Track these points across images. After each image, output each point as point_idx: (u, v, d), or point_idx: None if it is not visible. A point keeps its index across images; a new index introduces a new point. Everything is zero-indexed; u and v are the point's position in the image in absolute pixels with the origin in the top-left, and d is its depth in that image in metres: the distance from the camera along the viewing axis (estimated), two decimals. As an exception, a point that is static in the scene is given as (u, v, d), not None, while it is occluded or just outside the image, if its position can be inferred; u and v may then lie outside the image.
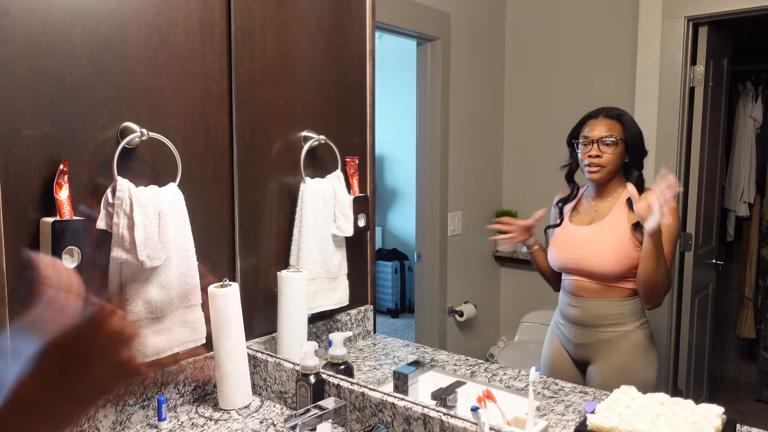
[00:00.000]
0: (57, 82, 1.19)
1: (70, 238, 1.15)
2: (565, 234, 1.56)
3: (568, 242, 1.55)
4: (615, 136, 1.46)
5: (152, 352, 1.28)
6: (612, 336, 1.49)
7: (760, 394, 1.96)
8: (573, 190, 1.58)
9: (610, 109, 1.49)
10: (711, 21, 1.60)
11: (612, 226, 1.47)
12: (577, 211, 1.56)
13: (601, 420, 0.95)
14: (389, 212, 2.33)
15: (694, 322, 1.71)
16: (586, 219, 1.53)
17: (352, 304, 1.70)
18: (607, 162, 1.46)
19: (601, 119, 1.48)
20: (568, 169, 1.57)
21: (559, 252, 1.54)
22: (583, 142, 1.49)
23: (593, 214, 1.52)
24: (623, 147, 1.46)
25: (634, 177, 1.47)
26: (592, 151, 1.47)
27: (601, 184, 1.51)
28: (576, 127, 1.53)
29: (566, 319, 1.54)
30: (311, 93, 1.66)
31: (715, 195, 1.87)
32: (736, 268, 2.10)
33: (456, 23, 2.09)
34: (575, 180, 1.57)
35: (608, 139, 1.46)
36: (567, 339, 1.54)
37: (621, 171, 1.48)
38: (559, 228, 1.58)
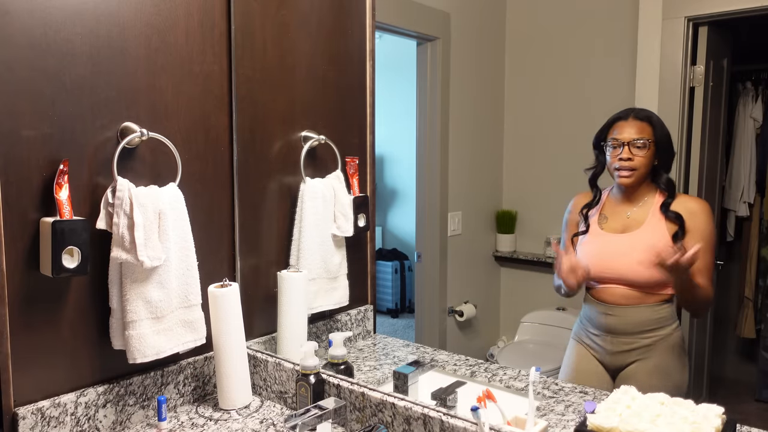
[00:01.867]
0: (57, 82, 1.19)
1: (70, 238, 1.15)
2: (599, 242, 1.49)
3: (604, 251, 1.49)
4: (646, 139, 1.41)
5: (152, 353, 1.28)
6: (651, 341, 1.44)
7: (760, 394, 1.96)
8: (596, 195, 1.53)
9: (639, 110, 1.45)
10: (711, 21, 1.60)
11: (651, 235, 1.42)
12: (605, 217, 1.51)
13: (601, 420, 0.95)
14: (389, 212, 2.33)
15: (694, 322, 1.71)
16: (618, 226, 1.48)
17: (352, 304, 1.70)
18: (639, 165, 1.42)
19: (631, 121, 1.44)
20: (592, 173, 1.52)
21: (595, 261, 1.47)
22: (612, 144, 1.44)
23: (626, 221, 1.47)
24: (653, 149, 1.42)
25: (663, 180, 1.43)
26: (623, 154, 1.42)
27: (631, 188, 1.46)
28: (603, 129, 1.48)
29: (599, 329, 1.48)
30: (311, 93, 1.66)
31: (715, 195, 1.87)
32: (736, 268, 2.10)
33: (456, 23, 2.09)
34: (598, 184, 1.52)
35: (639, 142, 1.41)
36: (600, 348, 1.48)
37: (651, 174, 1.44)
38: (588, 235, 1.51)
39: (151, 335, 1.28)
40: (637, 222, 1.46)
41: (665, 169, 1.44)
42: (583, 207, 1.54)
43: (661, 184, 1.44)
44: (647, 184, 1.45)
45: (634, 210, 1.47)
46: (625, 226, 1.47)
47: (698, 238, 1.38)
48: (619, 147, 1.43)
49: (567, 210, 1.60)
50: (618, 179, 1.45)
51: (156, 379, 1.37)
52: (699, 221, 1.41)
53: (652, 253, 1.38)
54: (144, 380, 1.35)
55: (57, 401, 1.21)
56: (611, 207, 1.51)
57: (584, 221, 1.53)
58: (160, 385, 1.38)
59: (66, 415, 1.22)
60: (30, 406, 1.17)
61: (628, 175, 1.43)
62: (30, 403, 1.18)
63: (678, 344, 1.45)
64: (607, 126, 1.48)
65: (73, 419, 1.23)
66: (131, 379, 1.33)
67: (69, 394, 1.23)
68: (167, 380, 1.40)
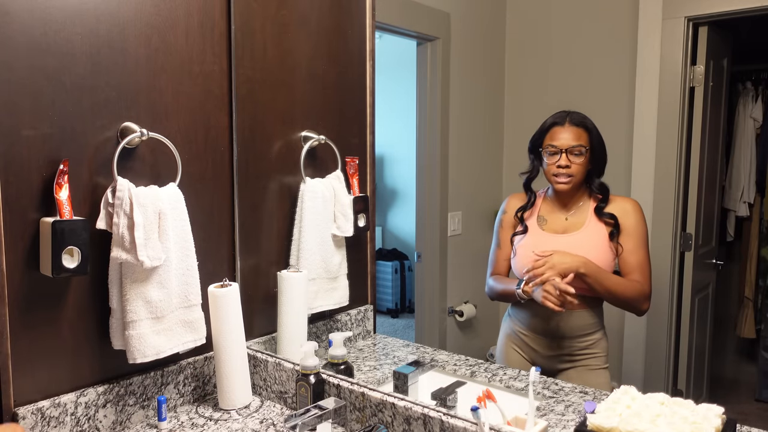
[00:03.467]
0: (57, 82, 1.19)
1: (70, 238, 1.15)
2: (541, 243, 1.50)
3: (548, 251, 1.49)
4: (583, 146, 1.43)
5: (152, 353, 1.28)
6: (586, 344, 1.48)
7: (760, 394, 1.96)
8: (530, 198, 1.55)
9: (575, 114, 1.46)
10: (711, 21, 1.60)
11: (592, 236, 1.46)
12: (543, 219, 1.53)
13: (601, 420, 0.95)
14: (389, 212, 2.33)
15: (694, 322, 1.71)
16: (557, 227, 1.51)
17: (352, 304, 1.70)
18: (576, 172, 1.45)
19: (568, 126, 1.45)
20: (527, 177, 1.54)
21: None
22: (550, 151, 1.46)
23: (565, 223, 1.50)
24: (589, 156, 1.45)
25: (596, 184, 1.47)
26: (561, 161, 1.44)
27: (567, 193, 1.49)
28: (540, 133, 1.49)
29: (535, 331, 1.51)
30: (311, 93, 1.66)
31: (715, 195, 1.86)
32: (736, 268, 2.10)
33: (456, 23, 2.09)
34: (532, 188, 1.55)
35: (576, 149, 1.43)
36: (533, 351, 1.51)
37: (585, 179, 1.47)
38: (528, 236, 1.53)
39: (151, 335, 1.28)
40: (576, 224, 1.49)
41: (598, 173, 1.47)
42: (518, 209, 1.56)
43: (594, 188, 1.47)
44: (582, 189, 1.49)
45: (572, 213, 1.50)
46: (564, 227, 1.50)
47: (631, 234, 1.44)
48: (557, 154, 1.44)
49: (501, 210, 1.62)
50: (556, 185, 1.48)
51: (156, 379, 1.37)
52: (631, 220, 1.45)
53: (598, 252, 1.44)
54: (144, 380, 1.35)
55: (57, 401, 1.21)
56: (548, 209, 1.54)
57: (521, 223, 1.55)
58: (160, 385, 1.38)
59: (66, 415, 1.22)
60: (30, 406, 1.17)
61: (567, 181, 1.45)
62: (30, 403, 1.18)
63: (605, 348, 1.51)
64: (543, 131, 1.48)
65: (73, 419, 1.23)
66: (131, 379, 1.33)
67: (69, 394, 1.23)
68: (167, 380, 1.40)
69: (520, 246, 1.54)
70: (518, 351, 1.55)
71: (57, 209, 1.15)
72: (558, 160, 1.44)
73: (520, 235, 1.54)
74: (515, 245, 1.56)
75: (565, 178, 1.45)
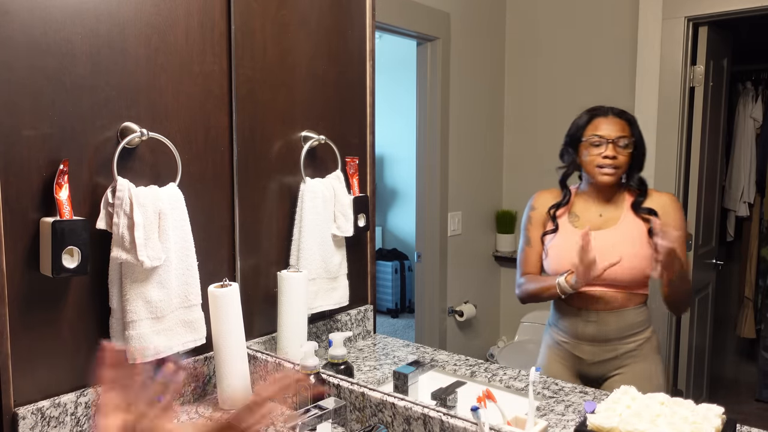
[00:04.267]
0: (57, 81, 1.19)
1: (70, 238, 1.15)
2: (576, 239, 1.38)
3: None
4: (628, 137, 1.39)
5: (152, 352, 1.27)
6: (633, 346, 1.40)
7: (760, 394, 1.96)
8: (566, 195, 1.48)
9: (615, 108, 1.41)
10: (711, 21, 1.60)
11: (630, 232, 1.39)
12: (576, 216, 1.46)
13: (601, 420, 0.95)
14: (389, 212, 2.33)
15: (694, 322, 1.71)
16: (592, 224, 1.42)
17: (352, 304, 1.70)
18: (622, 164, 1.38)
19: (612, 118, 1.40)
20: (564, 173, 1.48)
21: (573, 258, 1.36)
22: (595, 142, 1.39)
23: (599, 219, 1.43)
24: (633, 149, 1.39)
25: (636, 179, 1.41)
26: (608, 151, 1.37)
27: (607, 187, 1.42)
28: (579, 126, 1.43)
29: (576, 337, 1.43)
30: (311, 93, 1.66)
31: (715, 195, 1.86)
32: (736, 268, 2.10)
33: (456, 23, 2.09)
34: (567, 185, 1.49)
35: (623, 141, 1.38)
36: (577, 359, 1.43)
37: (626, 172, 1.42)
38: (560, 235, 1.46)
39: (151, 335, 1.28)
40: (612, 219, 1.43)
41: (639, 168, 1.42)
42: (551, 206, 1.49)
43: (632, 183, 1.42)
44: (619, 183, 1.43)
45: (606, 209, 1.44)
46: (599, 224, 1.43)
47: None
48: (603, 145, 1.39)
49: (528, 206, 1.55)
50: (600, 177, 1.41)
51: (156, 379, 1.37)
52: (672, 215, 1.40)
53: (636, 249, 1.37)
54: (144, 380, 1.35)
55: (57, 401, 1.21)
56: (582, 206, 1.47)
57: (552, 221, 1.48)
58: (160, 385, 1.38)
59: (66, 415, 1.22)
60: (30, 406, 1.17)
61: (612, 173, 1.39)
62: (30, 403, 1.18)
63: (656, 347, 1.44)
64: (584, 123, 1.43)
65: (73, 419, 1.23)
66: (131, 379, 1.33)
67: (69, 394, 1.23)
68: (167, 380, 1.39)
69: (552, 246, 1.46)
70: (562, 363, 1.47)
71: (57, 209, 1.15)
72: (604, 150, 1.38)
73: (551, 234, 1.47)
74: (546, 245, 1.48)
75: (611, 170, 1.38)
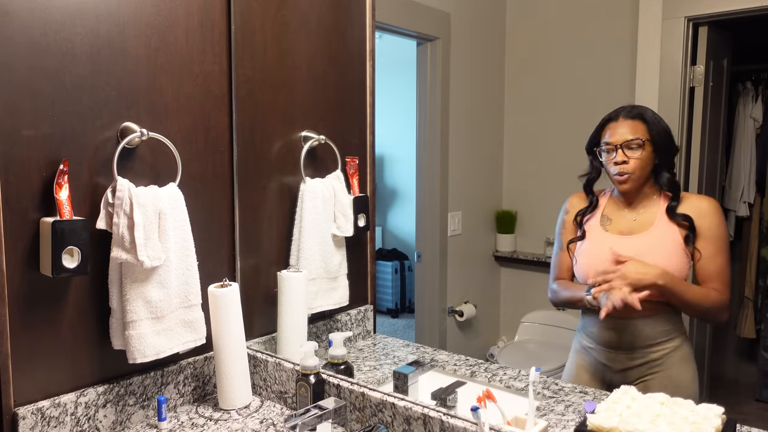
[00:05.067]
0: (57, 81, 1.19)
1: (70, 238, 1.15)
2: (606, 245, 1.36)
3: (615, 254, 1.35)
4: (640, 138, 1.32)
5: (152, 353, 1.28)
6: (661, 354, 1.35)
7: (760, 394, 1.96)
8: (592, 201, 1.44)
9: (630, 108, 1.36)
10: (711, 21, 1.60)
11: (663, 237, 1.34)
12: (608, 219, 1.41)
13: (601, 420, 0.95)
14: (389, 212, 2.33)
15: (694, 322, 1.71)
16: (624, 229, 1.39)
17: (352, 304, 1.70)
18: (635, 168, 1.33)
19: (622, 121, 1.35)
20: (587, 180, 1.44)
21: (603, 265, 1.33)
22: (606, 149, 1.36)
23: (632, 224, 1.38)
24: (651, 148, 1.33)
25: (665, 180, 1.35)
26: (617, 157, 1.33)
27: (632, 192, 1.37)
28: (596, 132, 1.40)
29: (604, 345, 1.39)
30: (311, 93, 1.66)
31: (715, 195, 1.87)
32: (736, 268, 2.10)
33: (456, 23, 2.09)
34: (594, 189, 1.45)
35: (633, 143, 1.32)
36: (604, 366, 1.39)
37: (652, 174, 1.36)
38: (590, 240, 1.42)
39: (151, 335, 1.28)
40: (645, 225, 1.37)
41: (667, 167, 1.35)
42: (578, 213, 1.45)
43: (663, 185, 1.36)
44: (650, 185, 1.37)
45: (640, 213, 1.39)
46: (631, 229, 1.38)
47: (710, 238, 1.32)
48: (613, 151, 1.35)
49: (563, 210, 1.51)
50: (617, 185, 1.38)
51: (156, 379, 1.37)
52: (709, 221, 1.33)
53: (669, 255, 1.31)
54: (144, 380, 1.35)
55: (57, 401, 1.21)
56: (613, 209, 1.43)
57: (579, 228, 1.44)
58: (160, 385, 1.38)
59: (66, 415, 1.22)
60: (30, 406, 1.17)
61: (625, 179, 1.35)
62: (30, 403, 1.18)
63: (688, 353, 1.37)
64: (599, 129, 1.40)
65: (73, 419, 1.23)
66: (131, 379, 1.33)
67: (69, 394, 1.23)
68: (167, 380, 1.40)
69: (580, 253, 1.43)
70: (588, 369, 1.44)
71: (57, 209, 1.15)
72: (614, 157, 1.34)
73: (579, 242, 1.44)
74: (575, 253, 1.44)
75: (623, 176, 1.34)
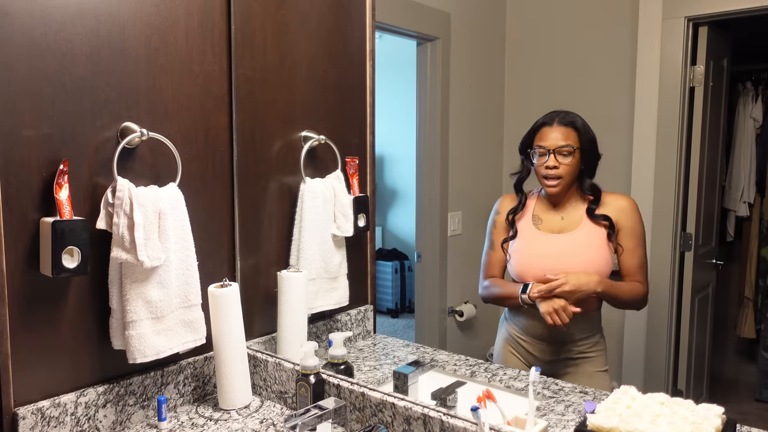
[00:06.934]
0: (57, 82, 1.19)
1: (70, 238, 1.15)
2: (540, 243, 1.48)
3: (548, 251, 1.47)
4: (571, 146, 1.41)
5: (152, 353, 1.28)
6: (585, 348, 1.46)
7: (760, 394, 1.96)
8: (521, 200, 1.52)
9: (564, 114, 1.44)
10: (711, 21, 1.60)
11: (590, 235, 1.43)
12: (539, 219, 1.50)
13: (601, 420, 0.95)
14: (389, 212, 2.33)
15: (694, 322, 1.71)
16: (554, 227, 1.48)
17: (352, 304, 1.70)
18: (565, 173, 1.42)
19: (556, 126, 1.43)
20: (518, 178, 1.52)
21: (538, 261, 1.46)
22: (539, 152, 1.43)
23: (561, 223, 1.47)
24: (579, 156, 1.42)
25: (587, 185, 1.44)
26: (549, 161, 1.41)
27: (558, 195, 1.46)
28: (529, 134, 1.47)
29: (533, 337, 1.49)
30: (311, 93, 1.66)
31: (715, 195, 1.87)
32: (736, 268, 2.10)
33: (456, 23, 2.09)
34: (524, 188, 1.53)
35: (565, 149, 1.41)
36: (532, 356, 1.49)
37: (577, 179, 1.45)
38: (522, 238, 1.50)
39: (151, 335, 1.28)
40: (573, 224, 1.46)
41: (589, 174, 1.44)
42: (509, 212, 1.53)
43: (585, 189, 1.44)
44: (574, 189, 1.46)
45: (567, 212, 1.47)
46: (560, 227, 1.47)
47: (630, 234, 1.42)
48: (546, 155, 1.42)
49: (494, 210, 1.58)
50: (546, 188, 1.45)
51: (156, 379, 1.37)
52: (629, 218, 1.43)
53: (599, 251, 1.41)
54: (144, 380, 1.35)
55: (57, 401, 1.21)
56: (542, 209, 1.51)
57: (510, 227, 1.52)
58: (160, 385, 1.38)
59: (66, 415, 1.22)
60: (30, 406, 1.17)
61: (555, 184, 1.43)
62: (30, 403, 1.18)
63: (604, 350, 1.49)
64: (533, 131, 1.46)
65: (73, 419, 1.23)
66: (131, 379, 1.33)
67: (69, 394, 1.23)
68: (167, 380, 1.40)
69: (515, 251, 1.51)
70: (517, 356, 1.53)
71: (57, 209, 1.15)
72: (546, 160, 1.42)
73: (512, 240, 1.52)
74: (509, 251, 1.53)
75: (554, 181, 1.43)
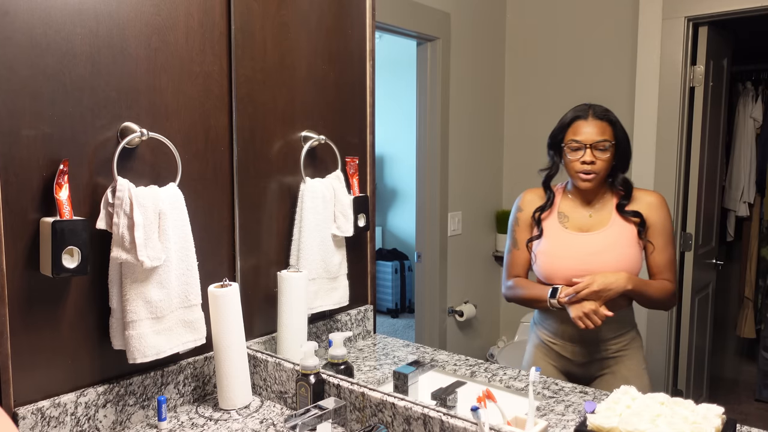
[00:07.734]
0: (57, 82, 1.19)
1: (70, 238, 1.15)
2: (567, 242, 1.42)
3: (577, 250, 1.41)
4: (608, 141, 1.35)
5: (152, 353, 1.28)
6: (620, 346, 1.40)
7: (760, 394, 1.96)
8: (549, 197, 1.46)
9: (597, 107, 1.38)
10: (711, 21, 1.60)
11: (620, 234, 1.38)
12: (565, 217, 1.44)
13: (601, 420, 0.95)
14: (389, 212, 2.33)
15: (694, 322, 1.71)
16: (582, 225, 1.42)
17: (352, 304, 1.70)
18: (601, 169, 1.36)
19: (591, 120, 1.36)
20: (546, 175, 1.45)
21: (566, 262, 1.40)
22: (573, 146, 1.37)
23: (588, 220, 1.42)
24: (614, 151, 1.37)
25: (620, 180, 1.39)
26: (586, 157, 1.35)
27: (591, 191, 1.41)
28: (561, 128, 1.40)
29: (564, 338, 1.43)
30: (311, 93, 1.66)
31: (715, 195, 1.87)
32: (736, 268, 2.10)
33: (456, 23, 2.09)
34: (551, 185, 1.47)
35: (602, 144, 1.35)
36: (565, 360, 1.43)
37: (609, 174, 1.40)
38: (549, 237, 1.44)
39: (151, 335, 1.28)
40: (601, 221, 1.41)
41: (623, 169, 1.39)
42: (535, 210, 1.47)
43: (617, 184, 1.40)
44: (604, 184, 1.41)
45: (595, 210, 1.42)
46: (589, 225, 1.42)
47: (660, 231, 1.38)
48: (581, 150, 1.36)
49: (515, 207, 1.52)
50: (580, 183, 1.40)
51: (156, 379, 1.37)
52: (658, 215, 1.38)
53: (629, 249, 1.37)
54: (144, 380, 1.35)
55: (57, 401, 1.21)
56: (569, 206, 1.45)
57: (537, 225, 1.46)
58: (160, 385, 1.38)
59: (66, 415, 1.22)
60: (30, 406, 1.17)
61: (591, 179, 1.37)
62: (30, 403, 1.18)
63: (641, 347, 1.44)
64: (564, 125, 1.40)
65: (73, 419, 1.23)
66: (131, 379, 1.33)
67: (69, 394, 1.23)
68: (167, 380, 1.40)
69: (541, 251, 1.44)
70: (550, 362, 1.46)
71: (57, 209, 1.15)
72: (582, 156, 1.35)
73: (537, 240, 1.45)
74: (534, 251, 1.46)
75: (589, 176, 1.36)
